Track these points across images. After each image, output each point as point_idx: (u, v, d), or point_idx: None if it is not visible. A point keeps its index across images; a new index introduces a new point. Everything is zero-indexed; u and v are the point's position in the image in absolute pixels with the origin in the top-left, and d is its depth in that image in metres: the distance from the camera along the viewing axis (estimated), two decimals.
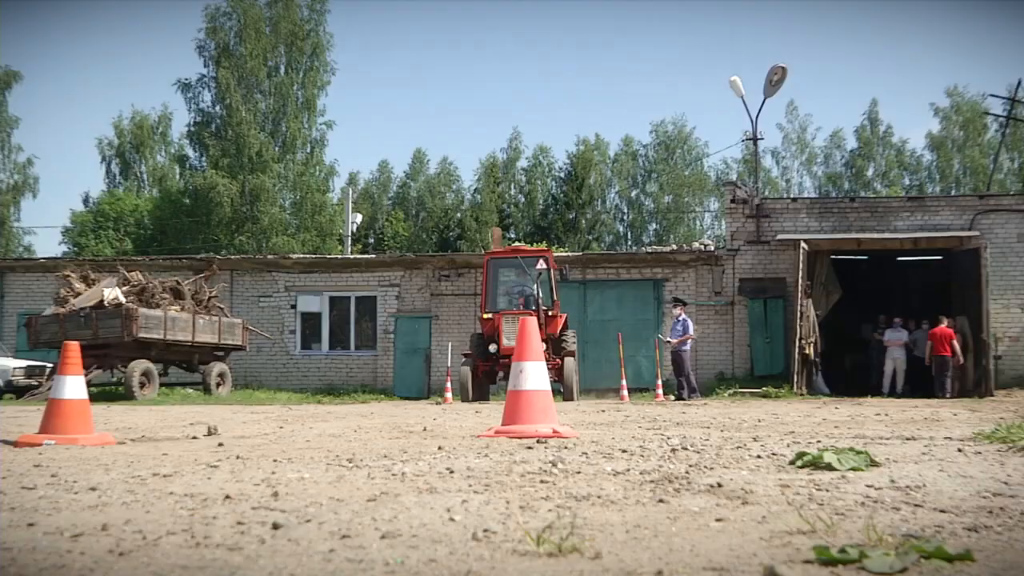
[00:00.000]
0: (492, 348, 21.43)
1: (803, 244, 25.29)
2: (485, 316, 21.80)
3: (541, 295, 21.58)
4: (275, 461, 5.92)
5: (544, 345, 21.64)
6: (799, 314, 24.81)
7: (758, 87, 28.85)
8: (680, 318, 22.83)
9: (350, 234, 48.06)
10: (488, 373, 21.72)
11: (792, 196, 47.40)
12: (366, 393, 27.10)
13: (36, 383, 23.91)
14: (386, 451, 6.61)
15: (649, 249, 29.77)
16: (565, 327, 22.44)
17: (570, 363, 20.96)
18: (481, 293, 23.05)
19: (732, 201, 27.29)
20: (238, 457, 6.28)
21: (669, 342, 23.01)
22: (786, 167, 65.51)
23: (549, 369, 20.73)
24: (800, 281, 24.94)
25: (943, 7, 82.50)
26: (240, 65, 52.86)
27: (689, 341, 22.72)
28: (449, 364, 24.56)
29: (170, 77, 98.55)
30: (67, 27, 79.86)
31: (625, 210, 67.15)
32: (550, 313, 21.76)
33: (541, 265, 21.69)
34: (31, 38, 78.71)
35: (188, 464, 5.81)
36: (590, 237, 62.17)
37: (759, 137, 30.90)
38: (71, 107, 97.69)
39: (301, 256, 30.94)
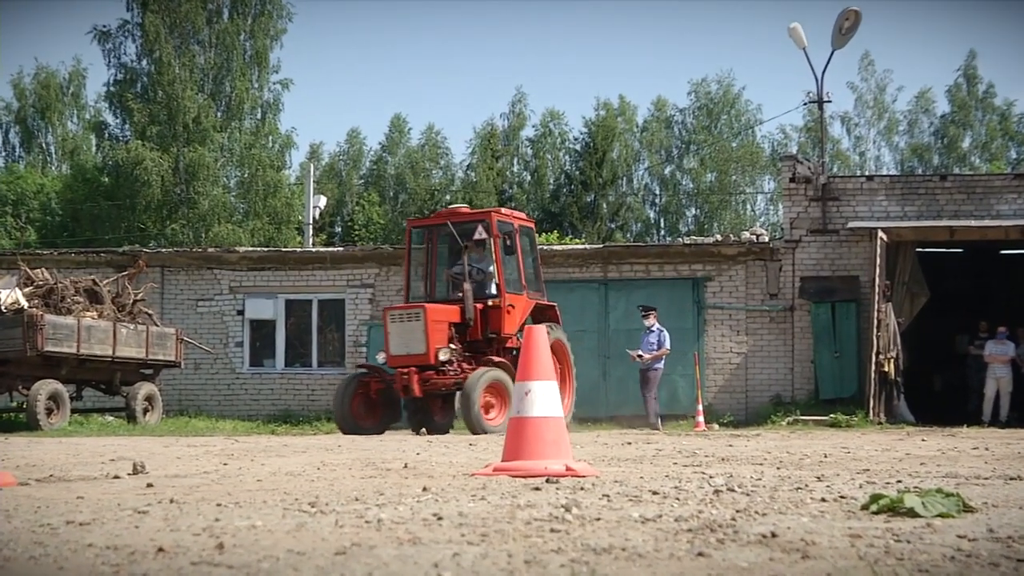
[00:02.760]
0: (380, 358, 20.23)
1: (881, 234, 25.29)
2: None
3: (479, 276, 20.50)
4: (219, 506, 5.96)
5: (483, 351, 20.34)
6: (876, 322, 24.82)
7: (825, 36, 28.86)
8: (654, 328, 23.06)
9: (311, 221, 48.12)
10: (388, 392, 20.14)
11: (867, 173, 47.34)
12: (331, 422, 27.09)
13: None
14: (358, 493, 6.65)
15: (687, 240, 29.81)
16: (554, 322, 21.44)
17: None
18: (403, 276, 22.01)
19: (791, 180, 27.30)
20: (172, 501, 6.32)
21: (640, 357, 23.06)
22: (860, 137, 65.61)
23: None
24: (877, 280, 24.95)
25: None
26: (173, 8, 52.91)
27: (663, 358, 23.04)
28: None
29: (84, 24, 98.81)
30: None
31: (657, 191, 67.20)
32: (491, 303, 20.35)
33: (480, 234, 20.25)
34: None
35: (110, 510, 5.85)
36: (613, 225, 62.24)
37: (825, 99, 30.91)
38: None
39: (250, 249, 30.98)
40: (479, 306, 20.20)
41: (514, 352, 19.57)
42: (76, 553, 4.26)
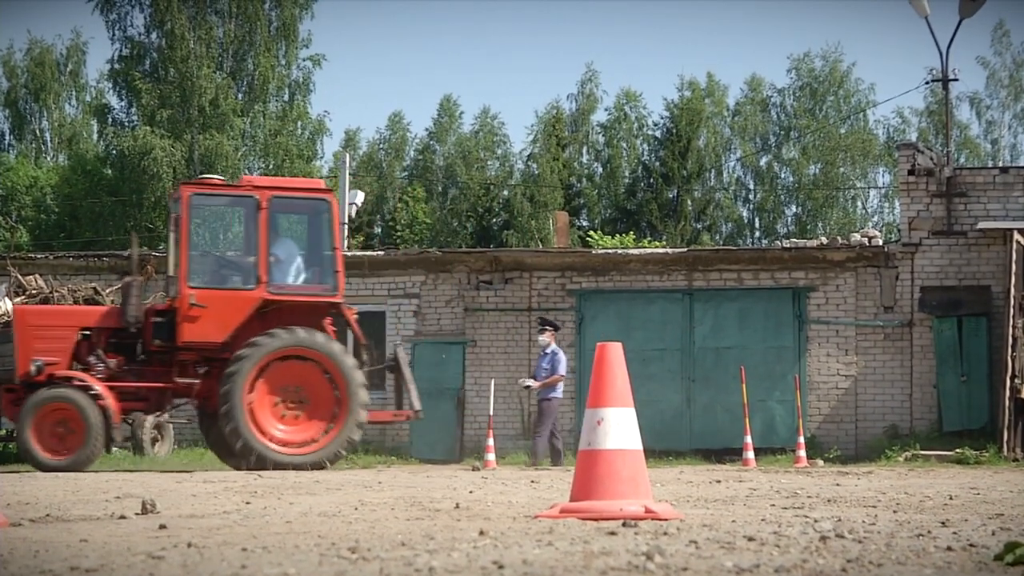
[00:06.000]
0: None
1: (1018, 236, 25.12)
2: None
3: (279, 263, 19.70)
4: (244, 550, 6.01)
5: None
6: (1011, 340, 24.65)
7: (951, 2, 28.68)
8: (548, 350, 22.62)
9: (347, 220, 48.28)
10: (88, 416, 18.42)
11: (1001, 164, 46.99)
12: (370, 454, 27.17)
13: None
14: (403, 537, 6.70)
15: (787, 243, 29.72)
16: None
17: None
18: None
19: (910, 172, 27.17)
20: (190, 545, 6.38)
21: (529, 387, 22.78)
22: (992, 121, 65.12)
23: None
24: (1013, 291, 24.78)
25: None
26: None
27: (559, 385, 22.52)
28: (491, 411, 24.60)
29: None
30: None
31: (751, 186, 66.99)
32: (166, 301, 19.29)
33: (175, 211, 19.48)
34: None
35: (119, 554, 5.91)
36: (699, 226, 62.11)
37: (952, 78, 30.73)
38: None
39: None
40: (154, 307, 19.13)
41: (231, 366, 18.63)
42: None
